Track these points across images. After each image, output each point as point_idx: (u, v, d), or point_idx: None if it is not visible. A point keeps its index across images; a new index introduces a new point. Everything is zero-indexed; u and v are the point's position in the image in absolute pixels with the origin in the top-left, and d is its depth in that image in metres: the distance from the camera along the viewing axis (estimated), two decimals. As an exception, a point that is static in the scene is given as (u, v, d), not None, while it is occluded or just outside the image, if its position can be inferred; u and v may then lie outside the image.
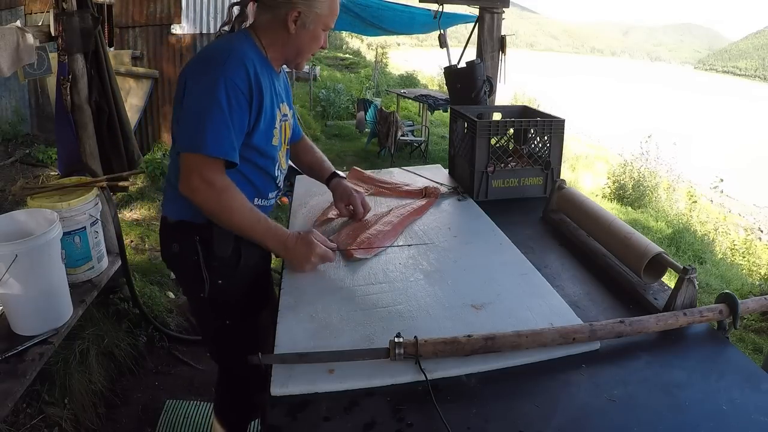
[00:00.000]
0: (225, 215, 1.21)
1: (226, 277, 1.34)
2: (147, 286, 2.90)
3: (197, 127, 1.15)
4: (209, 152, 1.15)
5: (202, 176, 1.16)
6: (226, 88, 1.15)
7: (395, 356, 0.95)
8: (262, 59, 1.28)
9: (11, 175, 4.56)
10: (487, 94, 2.46)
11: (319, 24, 1.28)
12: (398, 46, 47.25)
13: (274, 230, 1.27)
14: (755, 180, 12.97)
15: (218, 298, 1.37)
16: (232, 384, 1.62)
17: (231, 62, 1.18)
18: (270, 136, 1.32)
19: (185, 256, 1.32)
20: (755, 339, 3.60)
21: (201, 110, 1.15)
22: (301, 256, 1.27)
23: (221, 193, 1.18)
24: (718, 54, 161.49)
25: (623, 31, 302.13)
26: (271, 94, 1.29)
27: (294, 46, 1.30)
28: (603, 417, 0.88)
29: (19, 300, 1.71)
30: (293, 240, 1.27)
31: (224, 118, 1.15)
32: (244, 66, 1.19)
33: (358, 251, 1.37)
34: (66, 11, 2.19)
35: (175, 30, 5.33)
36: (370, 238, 1.44)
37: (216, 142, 1.15)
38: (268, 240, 1.26)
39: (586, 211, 1.52)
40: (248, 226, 1.23)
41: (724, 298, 1.13)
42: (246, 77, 1.18)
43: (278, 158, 1.39)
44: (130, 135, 2.61)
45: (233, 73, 1.17)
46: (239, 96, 1.17)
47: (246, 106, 1.20)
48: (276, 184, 1.43)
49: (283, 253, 1.28)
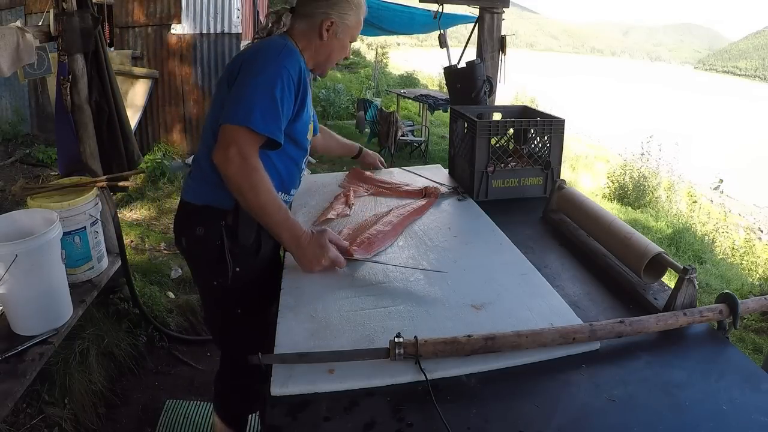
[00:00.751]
0: (252, 194, 1.21)
1: (244, 264, 1.37)
2: (147, 286, 2.90)
3: (248, 103, 1.20)
4: (255, 126, 1.19)
5: (240, 149, 1.18)
6: (281, 75, 1.25)
7: (395, 356, 0.95)
8: (302, 61, 1.39)
9: (11, 175, 4.56)
10: (487, 94, 2.45)
11: (348, 35, 1.43)
12: (398, 46, 47.26)
13: (292, 223, 1.27)
14: (755, 180, 12.97)
15: (234, 286, 1.39)
16: (236, 374, 1.62)
17: (288, 54, 1.30)
18: (306, 130, 1.44)
19: (210, 240, 1.34)
20: (755, 339, 3.60)
21: (255, 90, 1.22)
22: (312, 256, 1.26)
23: (253, 171, 1.20)
24: (718, 54, 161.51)
25: (623, 31, 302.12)
26: (309, 92, 1.41)
27: (325, 53, 1.44)
28: (603, 417, 0.88)
29: (19, 300, 1.71)
30: (307, 238, 1.26)
31: (275, 100, 1.22)
32: (299, 62, 1.33)
33: (358, 251, 1.37)
34: (66, 11, 2.19)
35: (175, 30, 5.33)
36: (370, 238, 1.44)
37: (264, 119, 1.20)
38: (284, 231, 1.26)
39: (586, 211, 1.52)
40: (270, 211, 1.24)
41: (724, 298, 1.13)
42: (298, 70, 1.31)
43: (306, 153, 1.51)
44: (130, 135, 2.61)
45: (290, 63, 1.28)
46: (291, 85, 1.27)
47: (294, 95, 1.30)
48: (300, 179, 1.53)
49: (294, 249, 1.27)
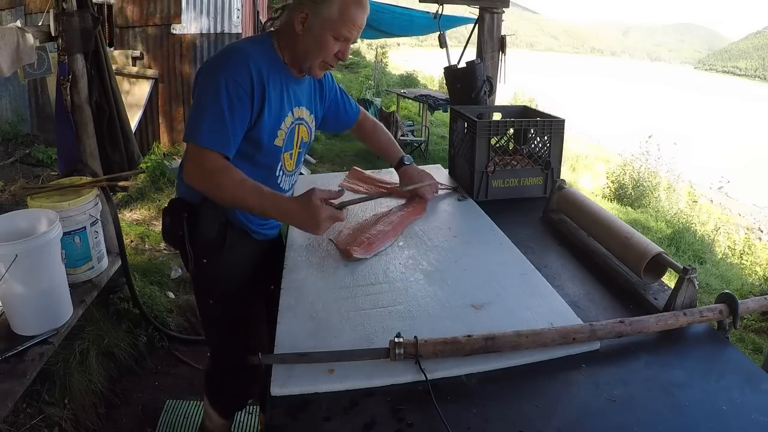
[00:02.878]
0: (220, 192, 1.23)
1: (210, 257, 1.39)
2: (147, 286, 2.90)
3: (196, 119, 1.22)
4: (202, 142, 1.21)
5: (195, 162, 1.23)
6: (227, 85, 1.21)
7: (395, 356, 0.95)
8: (274, 61, 1.33)
9: (11, 175, 4.56)
10: (487, 94, 2.45)
11: (327, 29, 1.26)
12: (398, 46, 47.25)
13: (274, 200, 1.24)
14: (755, 180, 12.97)
15: (202, 277, 1.46)
16: (224, 373, 1.65)
17: (234, 62, 1.25)
18: (273, 135, 1.34)
19: (174, 230, 1.37)
20: (755, 339, 3.60)
21: (203, 105, 1.23)
22: (309, 222, 1.23)
23: (212, 173, 1.21)
24: (718, 54, 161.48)
25: (623, 31, 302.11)
26: (281, 94, 1.33)
27: (301, 49, 1.31)
28: (603, 417, 0.88)
29: (19, 300, 1.71)
30: (296, 206, 1.24)
31: (222, 112, 1.21)
32: (247, 65, 1.24)
33: (357, 251, 1.37)
34: (66, 11, 2.19)
35: (175, 30, 5.33)
36: (370, 238, 1.44)
37: (211, 134, 1.21)
38: (269, 210, 1.25)
39: (586, 211, 1.52)
40: (245, 201, 1.23)
41: (724, 298, 1.13)
42: (248, 76, 1.24)
43: (282, 159, 1.41)
44: (130, 135, 2.61)
45: (235, 71, 1.23)
46: (240, 92, 1.23)
47: (247, 101, 1.24)
48: (278, 186, 1.43)
49: (289, 221, 1.28)
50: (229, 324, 1.52)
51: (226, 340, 1.57)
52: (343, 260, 1.37)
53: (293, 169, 1.48)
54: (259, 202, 1.23)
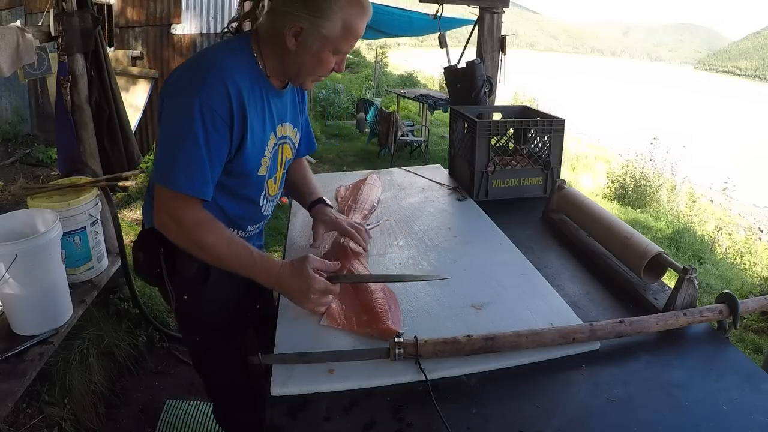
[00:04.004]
0: (201, 252, 1.08)
1: (191, 293, 1.25)
2: (147, 286, 2.90)
3: (169, 158, 1.04)
4: (179, 189, 1.04)
5: (170, 213, 1.07)
6: (203, 113, 1.02)
7: (395, 356, 0.95)
8: (255, 74, 1.13)
9: (11, 175, 4.56)
10: (487, 94, 2.45)
11: (326, 46, 1.08)
12: (398, 46, 47.26)
13: (262, 264, 1.09)
14: (755, 180, 12.97)
15: (185, 314, 1.31)
16: (214, 398, 1.53)
17: (209, 82, 1.03)
18: (256, 165, 1.17)
19: (150, 267, 1.23)
20: (755, 339, 3.59)
21: (175, 139, 1.04)
22: (298, 292, 1.08)
23: (192, 230, 1.07)
24: (718, 54, 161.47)
25: (623, 31, 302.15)
26: (262, 116, 1.15)
27: (294, 66, 1.13)
28: (603, 417, 0.88)
29: (19, 300, 1.71)
30: (286, 272, 1.08)
31: (199, 149, 1.03)
32: (225, 87, 1.04)
33: (391, 325, 1.08)
34: (66, 11, 2.19)
35: (175, 30, 5.33)
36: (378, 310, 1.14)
37: (188, 177, 1.03)
38: (257, 275, 1.09)
39: (586, 211, 1.52)
40: (229, 262, 1.09)
41: (724, 298, 1.14)
42: (226, 100, 1.04)
43: (266, 187, 1.26)
44: (130, 135, 2.61)
45: (210, 94, 1.03)
46: (217, 121, 1.04)
47: (226, 133, 1.06)
48: (261, 214, 1.31)
49: (278, 289, 1.12)
50: (222, 359, 1.36)
51: (222, 376, 1.41)
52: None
53: (276, 193, 1.33)
54: (245, 264, 1.08)
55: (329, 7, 1.05)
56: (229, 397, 1.46)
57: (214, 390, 1.49)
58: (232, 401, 1.46)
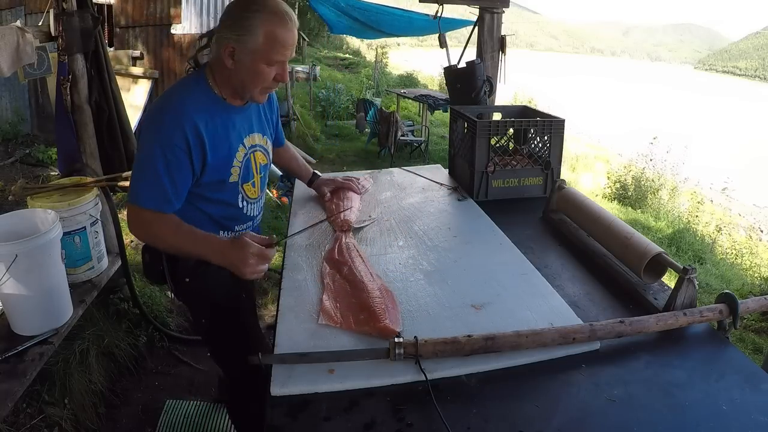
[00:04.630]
0: (160, 242, 1.30)
1: (192, 276, 1.39)
2: (147, 286, 2.90)
3: (135, 182, 1.26)
4: (143, 204, 1.24)
5: (135, 222, 1.28)
6: (162, 148, 1.21)
7: (395, 356, 0.95)
8: (211, 102, 1.29)
9: (11, 175, 4.56)
10: (487, 94, 2.45)
11: (258, 59, 1.22)
12: (398, 46, 47.27)
13: (207, 241, 1.26)
14: (755, 180, 12.97)
15: (188, 296, 1.49)
16: (233, 385, 1.62)
17: (166, 125, 1.23)
18: (226, 174, 1.34)
19: (154, 266, 1.42)
20: (755, 339, 3.59)
21: (140, 167, 1.26)
22: (237, 260, 1.20)
23: (149, 226, 1.27)
24: (718, 54, 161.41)
25: (623, 31, 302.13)
26: (226, 134, 1.31)
27: (238, 82, 1.28)
28: (603, 417, 0.88)
29: (19, 300, 1.71)
30: (226, 244, 1.24)
31: (158, 175, 1.22)
32: (180, 125, 1.22)
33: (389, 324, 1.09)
34: (66, 11, 2.19)
35: (175, 30, 5.33)
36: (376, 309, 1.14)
37: (149, 195, 1.24)
38: (205, 252, 1.25)
39: (586, 211, 1.52)
40: (183, 247, 1.27)
41: (724, 298, 1.14)
42: (182, 136, 1.22)
43: (241, 190, 1.41)
44: (130, 135, 2.61)
45: (168, 135, 1.22)
46: (177, 151, 1.22)
47: (186, 160, 1.24)
48: (245, 215, 1.44)
49: (221, 260, 1.24)
50: (234, 339, 1.47)
51: (232, 354, 1.49)
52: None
53: (258, 195, 1.48)
54: (196, 246, 1.26)
55: (250, 24, 1.20)
56: (244, 385, 1.53)
57: (231, 378, 1.60)
58: (246, 390, 1.52)
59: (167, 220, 1.26)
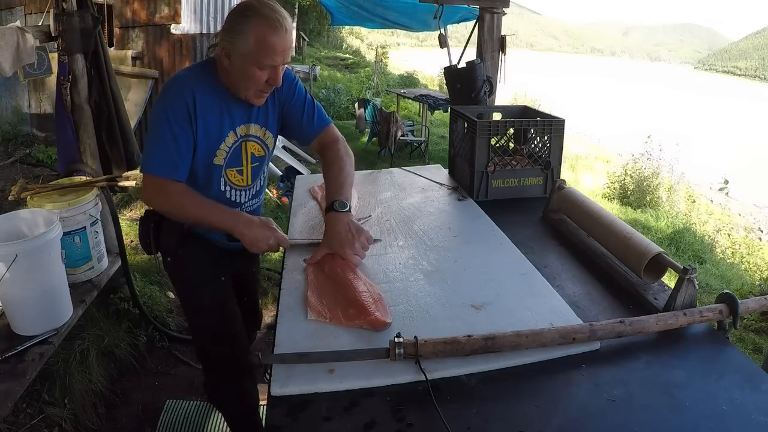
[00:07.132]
0: (181, 212, 1.38)
1: (173, 257, 1.55)
2: (147, 286, 2.90)
3: (147, 152, 1.37)
4: (155, 172, 1.34)
5: (154, 189, 1.36)
6: (167, 115, 1.32)
7: (395, 356, 0.95)
8: (212, 86, 1.38)
9: (11, 175, 4.56)
10: (487, 94, 2.45)
11: (248, 62, 1.29)
12: (398, 46, 47.26)
13: (231, 213, 1.38)
14: (755, 180, 12.96)
15: (171, 273, 1.65)
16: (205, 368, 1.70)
17: (171, 92, 1.35)
18: (212, 154, 1.41)
19: (144, 237, 1.54)
20: (755, 339, 3.60)
21: (150, 136, 1.36)
22: (261, 235, 1.33)
23: (171, 196, 1.36)
24: (718, 54, 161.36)
25: (623, 31, 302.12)
26: (219, 116, 1.39)
27: (233, 82, 1.36)
28: (603, 417, 0.88)
29: (19, 300, 1.71)
30: (255, 221, 1.36)
31: (165, 141, 1.32)
32: (182, 93, 1.33)
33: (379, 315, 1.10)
34: (66, 11, 2.19)
35: (175, 30, 5.33)
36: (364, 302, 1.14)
37: (160, 163, 1.34)
38: (226, 222, 1.35)
39: (586, 211, 1.52)
40: (205, 217, 1.37)
41: (724, 298, 1.13)
42: (183, 102, 1.32)
43: (224, 175, 1.47)
44: (130, 135, 2.61)
45: (173, 101, 1.33)
46: (179, 119, 1.32)
47: (188, 126, 1.34)
48: (228, 199, 1.49)
49: (242, 228, 1.33)
50: (209, 320, 1.58)
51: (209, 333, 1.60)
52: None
53: (248, 184, 1.52)
54: (219, 217, 1.36)
55: (242, 28, 1.27)
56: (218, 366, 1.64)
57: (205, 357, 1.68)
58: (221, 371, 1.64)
59: (190, 193, 1.36)
